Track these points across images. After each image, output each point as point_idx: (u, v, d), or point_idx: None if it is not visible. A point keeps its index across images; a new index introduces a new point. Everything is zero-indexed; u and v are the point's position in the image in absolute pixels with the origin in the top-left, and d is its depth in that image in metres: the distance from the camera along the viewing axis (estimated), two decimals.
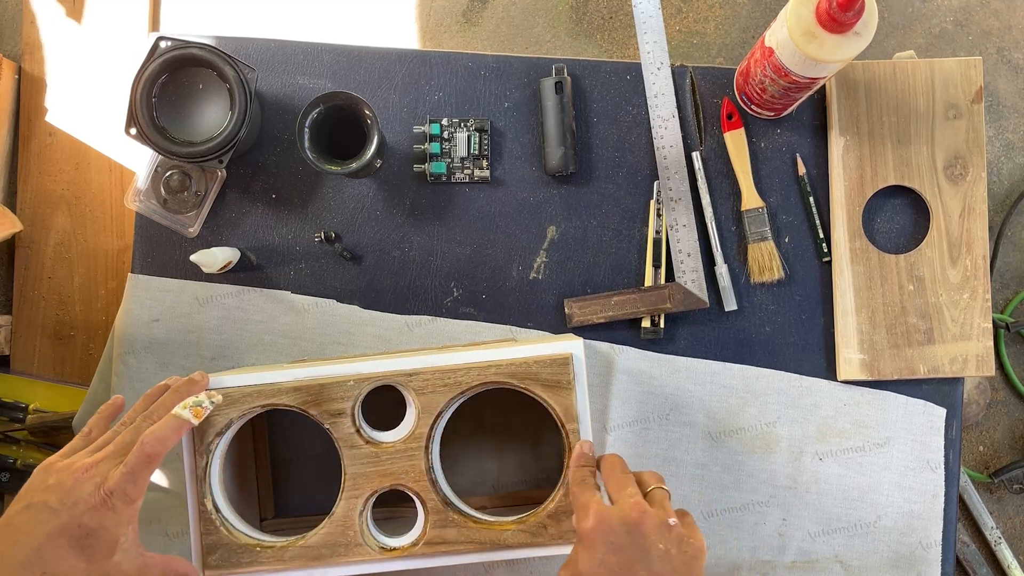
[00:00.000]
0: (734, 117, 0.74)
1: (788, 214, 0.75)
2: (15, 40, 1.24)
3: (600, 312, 0.73)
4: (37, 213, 1.14)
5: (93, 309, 1.13)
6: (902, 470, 0.74)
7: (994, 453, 1.37)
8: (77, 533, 0.51)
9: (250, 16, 1.34)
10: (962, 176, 0.72)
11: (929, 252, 0.73)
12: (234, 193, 0.75)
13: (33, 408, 1.05)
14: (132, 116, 0.67)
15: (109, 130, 1.17)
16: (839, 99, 0.73)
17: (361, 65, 0.75)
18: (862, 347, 0.73)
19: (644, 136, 0.75)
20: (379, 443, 0.60)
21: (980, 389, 1.33)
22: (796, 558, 0.74)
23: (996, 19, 1.38)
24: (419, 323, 0.74)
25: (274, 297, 0.74)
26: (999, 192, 1.38)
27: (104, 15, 1.21)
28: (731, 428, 0.73)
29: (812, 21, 0.59)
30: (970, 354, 0.72)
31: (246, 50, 0.75)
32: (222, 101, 0.69)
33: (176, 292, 0.74)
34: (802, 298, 0.74)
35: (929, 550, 0.73)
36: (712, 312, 0.74)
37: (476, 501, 0.72)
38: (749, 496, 0.74)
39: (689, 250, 0.73)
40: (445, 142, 0.74)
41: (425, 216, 0.75)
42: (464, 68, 0.75)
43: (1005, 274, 1.37)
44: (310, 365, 0.63)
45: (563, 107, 0.73)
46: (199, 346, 0.74)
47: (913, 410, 0.74)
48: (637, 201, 0.75)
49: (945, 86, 0.72)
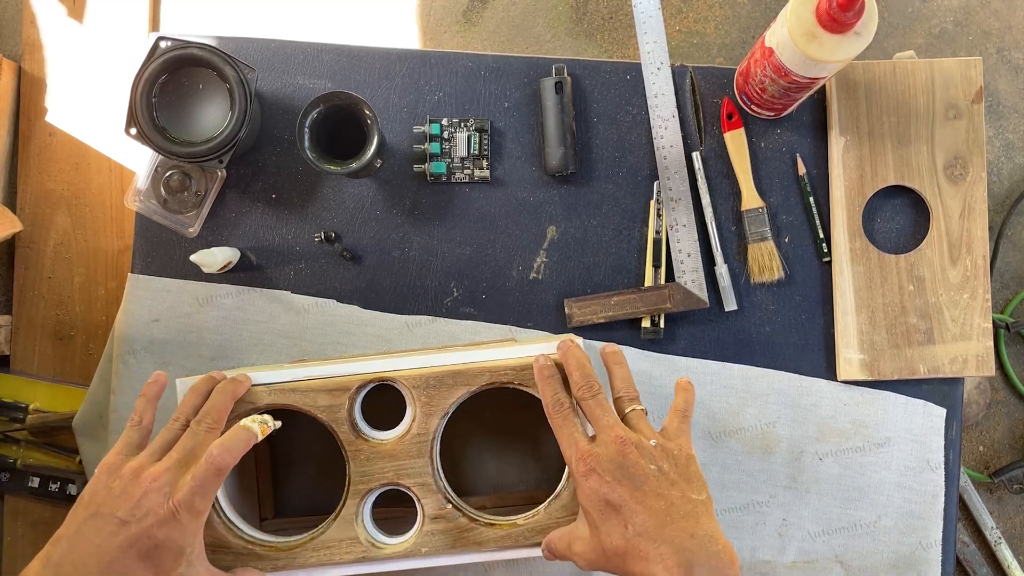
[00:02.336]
0: (734, 117, 0.74)
1: (788, 214, 0.75)
2: (15, 40, 1.24)
3: (600, 312, 0.73)
4: (37, 213, 1.14)
5: (93, 309, 1.13)
6: (902, 470, 0.74)
7: (994, 453, 1.37)
8: (146, 545, 0.51)
9: (250, 16, 1.34)
10: (962, 176, 0.72)
11: (929, 252, 0.73)
12: (234, 193, 0.75)
13: (33, 408, 1.05)
14: (132, 116, 0.67)
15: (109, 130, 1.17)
16: (839, 99, 0.73)
17: (361, 65, 0.75)
18: (862, 347, 0.73)
19: (644, 136, 0.75)
20: (379, 443, 0.60)
21: (980, 389, 1.33)
22: (796, 558, 0.74)
23: (996, 19, 1.38)
24: (419, 323, 0.74)
25: (274, 297, 0.74)
26: (999, 192, 1.38)
27: (104, 15, 1.20)
28: (731, 428, 0.73)
29: (812, 21, 0.59)
30: (970, 354, 0.72)
31: (246, 50, 0.75)
32: (222, 101, 0.69)
33: (176, 292, 0.74)
34: (802, 298, 0.74)
35: (929, 550, 0.73)
36: (712, 312, 0.74)
37: (476, 501, 0.72)
38: (749, 496, 0.74)
39: (689, 250, 0.73)
40: (445, 142, 0.74)
41: (425, 216, 0.75)
42: (464, 68, 0.75)
43: (1005, 274, 1.37)
44: (310, 365, 0.63)
45: (563, 107, 0.73)
46: (199, 346, 0.74)
47: (913, 410, 0.74)
48: (637, 201, 0.75)
49: (945, 86, 0.72)
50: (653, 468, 0.53)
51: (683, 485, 0.53)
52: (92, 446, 0.79)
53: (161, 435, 0.56)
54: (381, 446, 0.60)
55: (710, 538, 0.50)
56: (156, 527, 0.51)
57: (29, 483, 1.04)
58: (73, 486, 1.03)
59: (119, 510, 0.51)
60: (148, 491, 0.52)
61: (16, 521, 1.06)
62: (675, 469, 0.53)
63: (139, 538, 0.51)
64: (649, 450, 0.54)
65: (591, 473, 0.53)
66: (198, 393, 0.58)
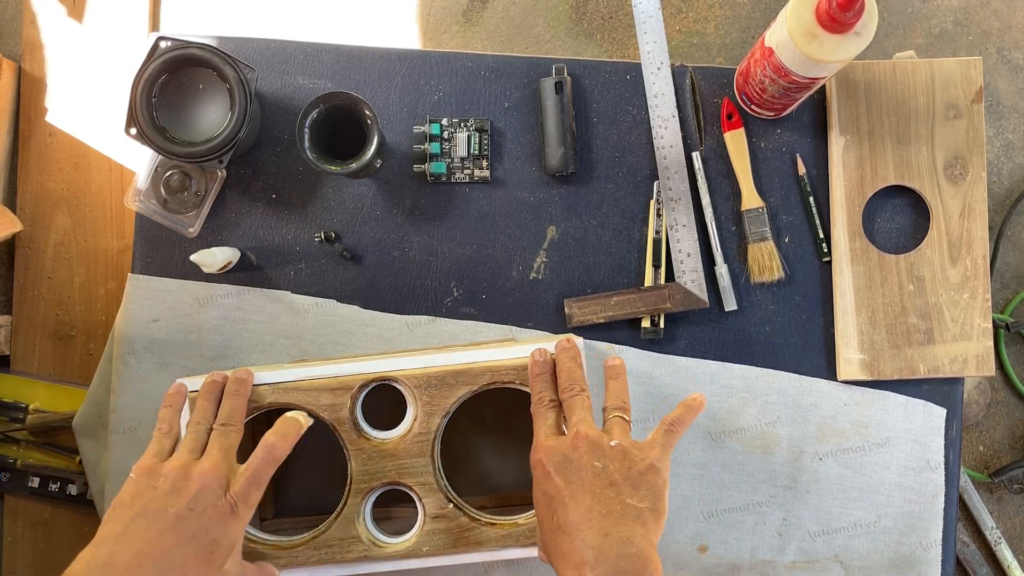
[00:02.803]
0: (734, 117, 0.74)
1: (788, 214, 0.75)
2: (15, 40, 1.24)
3: (600, 312, 0.73)
4: (37, 213, 1.14)
5: (93, 309, 1.13)
6: (902, 470, 0.74)
7: (994, 453, 1.37)
8: (204, 541, 0.50)
9: (250, 16, 1.34)
10: (962, 176, 0.73)
11: (929, 252, 0.73)
12: (234, 193, 0.75)
13: (33, 408, 1.05)
14: (132, 116, 0.67)
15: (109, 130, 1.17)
16: (839, 99, 0.73)
17: (361, 65, 0.75)
18: (862, 347, 0.73)
19: (644, 136, 0.75)
20: (380, 442, 0.60)
21: (980, 389, 1.33)
22: (796, 558, 0.74)
23: (996, 19, 1.38)
24: (419, 323, 0.74)
25: (274, 297, 0.74)
26: (999, 192, 1.38)
27: (104, 15, 1.20)
28: (731, 428, 0.73)
29: (812, 21, 0.59)
30: (970, 354, 0.72)
31: (246, 50, 0.75)
32: (222, 101, 0.69)
33: (176, 292, 0.74)
34: (802, 298, 0.74)
35: (929, 550, 0.74)
36: (712, 312, 0.74)
37: (476, 501, 0.72)
38: (749, 496, 0.74)
39: (689, 250, 0.73)
40: (445, 142, 0.74)
41: (425, 216, 0.75)
42: (464, 68, 0.75)
43: (1005, 274, 1.37)
44: (310, 365, 0.63)
45: (563, 107, 0.73)
46: (199, 346, 0.74)
47: (913, 410, 0.74)
48: (637, 201, 0.75)
49: (945, 86, 0.72)
50: (597, 465, 0.51)
51: (624, 488, 0.51)
52: (92, 446, 0.79)
53: (190, 439, 0.56)
54: (383, 445, 0.60)
55: (625, 540, 0.48)
56: (215, 521, 0.51)
57: (29, 483, 1.04)
58: (73, 486, 1.03)
59: (172, 507, 0.51)
60: (205, 486, 0.51)
61: (16, 521, 1.06)
62: (623, 471, 0.51)
63: (197, 533, 0.50)
64: (604, 449, 0.52)
65: (538, 464, 0.53)
66: (211, 398, 0.58)
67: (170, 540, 0.49)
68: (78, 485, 1.04)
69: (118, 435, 0.74)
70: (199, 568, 0.50)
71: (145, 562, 0.49)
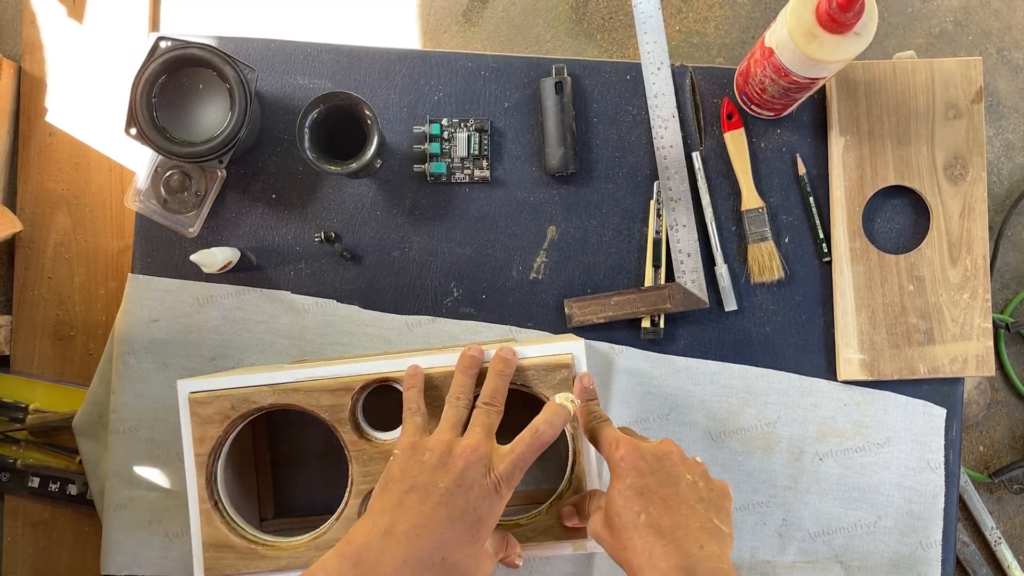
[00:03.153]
0: (734, 117, 0.74)
1: (788, 214, 0.75)
2: (15, 40, 1.24)
3: (600, 312, 0.73)
4: (37, 213, 1.14)
5: (93, 309, 1.13)
6: (902, 470, 0.74)
7: (994, 453, 1.37)
8: (472, 518, 0.51)
9: (250, 16, 1.34)
10: (962, 176, 0.72)
11: (929, 252, 0.73)
12: (234, 193, 0.75)
13: (33, 408, 1.05)
14: (132, 116, 0.67)
15: (109, 130, 1.17)
16: (839, 99, 0.73)
17: (361, 65, 0.75)
18: (862, 347, 0.73)
19: (644, 136, 0.75)
20: (381, 443, 0.60)
21: (980, 389, 1.33)
22: (796, 558, 0.74)
23: (996, 19, 1.38)
24: (419, 323, 0.74)
25: (274, 297, 0.74)
26: (999, 192, 1.38)
27: (104, 15, 1.20)
28: (731, 428, 0.73)
29: (812, 21, 0.59)
30: (970, 354, 0.72)
31: (246, 50, 0.75)
32: (222, 101, 0.69)
33: (176, 292, 0.74)
34: (802, 298, 0.74)
35: (929, 550, 0.73)
36: (712, 312, 0.74)
37: None
38: (749, 496, 0.74)
39: (689, 250, 0.73)
40: (445, 142, 0.74)
41: (425, 216, 0.75)
42: (464, 68, 0.75)
43: (1005, 274, 1.37)
44: (310, 365, 0.63)
45: (563, 107, 0.73)
46: (199, 346, 0.74)
47: (913, 410, 0.74)
48: (637, 201, 0.75)
49: (945, 86, 0.72)
50: (688, 478, 0.52)
51: (711, 507, 0.52)
52: (92, 446, 0.79)
53: (451, 413, 0.56)
54: (384, 446, 0.60)
55: (718, 557, 0.49)
56: (480, 500, 0.51)
57: (29, 483, 1.04)
58: (73, 486, 1.03)
59: (441, 481, 0.51)
60: (469, 463, 0.52)
61: (16, 521, 1.06)
62: (707, 491, 0.53)
63: (466, 510, 0.51)
64: (691, 462, 0.54)
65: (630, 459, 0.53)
66: (469, 373, 0.58)
67: (443, 514, 0.51)
68: (78, 485, 1.04)
69: (118, 435, 0.74)
70: (466, 546, 0.51)
71: (423, 533, 0.50)
